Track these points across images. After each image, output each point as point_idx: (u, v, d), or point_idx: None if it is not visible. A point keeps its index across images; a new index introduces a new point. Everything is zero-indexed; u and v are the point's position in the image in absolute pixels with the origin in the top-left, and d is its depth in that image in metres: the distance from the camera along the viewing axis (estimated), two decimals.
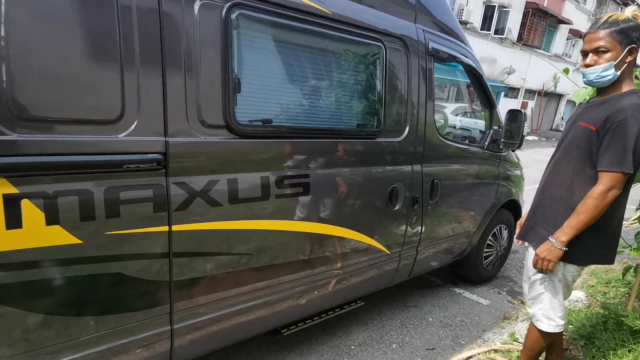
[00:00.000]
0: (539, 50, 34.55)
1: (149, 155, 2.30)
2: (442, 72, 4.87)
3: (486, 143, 4.82)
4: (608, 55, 2.34)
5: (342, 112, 3.38)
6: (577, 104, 3.02)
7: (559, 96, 40.82)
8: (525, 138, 6.64)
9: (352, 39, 3.18)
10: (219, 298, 2.78)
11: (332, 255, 3.39)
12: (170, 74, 2.32)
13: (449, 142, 4.34)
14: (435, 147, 4.11)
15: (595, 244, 2.54)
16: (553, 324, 2.78)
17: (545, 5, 32.56)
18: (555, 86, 36.86)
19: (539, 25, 33.91)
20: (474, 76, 4.69)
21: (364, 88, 3.47)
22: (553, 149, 2.85)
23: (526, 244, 2.92)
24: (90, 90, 2.08)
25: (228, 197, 2.64)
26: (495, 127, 4.82)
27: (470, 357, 3.79)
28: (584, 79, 2.48)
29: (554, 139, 32.61)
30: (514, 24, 31.36)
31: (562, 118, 41.88)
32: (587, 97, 3.07)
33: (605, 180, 2.32)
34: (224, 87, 2.52)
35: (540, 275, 2.70)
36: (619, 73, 2.35)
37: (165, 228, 2.40)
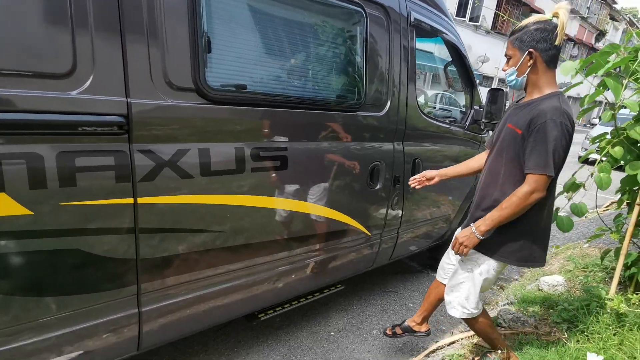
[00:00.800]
0: None
1: (109, 117, 1.97)
2: (421, 57, 4.54)
3: (467, 123, 4.57)
4: (511, 61, 2.43)
5: (321, 82, 3.04)
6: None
7: None
8: None
9: (332, 3, 2.87)
10: (191, 279, 2.48)
11: (312, 235, 3.11)
12: (129, 24, 1.98)
13: (431, 120, 4.05)
14: (417, 125, 3.83)
15: (522, 244, 2.52)
16: (466, 312, 2.78)
17: None
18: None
19: (512, 14, 33.75)
20: (457, 53, 4.42)
21: (344, 57, 3.15)
22: None
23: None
24: (34, 36, 1.75)
25: (199, 169, 2.33)
26: (476, 107, 4.57)
27: (453, 342, 3.52)
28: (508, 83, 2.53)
29: None
30: (488, 11, 31.13)
31: None
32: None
33: (531, 182, 2.31)
34: (192, 45, 2.20)
35: (467, 267, 2.72)
36: (523, 77, 2.41)
37: (130, 200, 2.10)
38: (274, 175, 2.72)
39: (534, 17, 2.38)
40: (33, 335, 1.97)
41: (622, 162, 3.19)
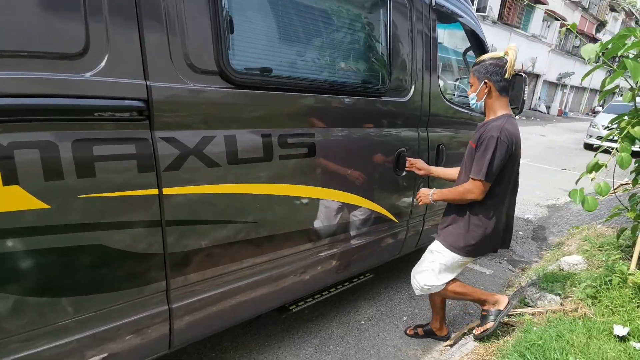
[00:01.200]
0: (518, 30, 33.88)
1: (127, 102, 1.79)
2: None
3: None
4: (472, 87, 2.83)
5: (346, 66, 2.92)
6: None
7: (537, 76, 39.93)
8: None
9: None
10: (221, 273, 2.32)
11: (341, 223, 2.96)
12: (146, 0, 1.82)
13: (454, 107, 3.93)
14: (440, 111, 3.71)
15: (479, 241, 2.87)
16: (419, 290, 3.11)
17: None
18: (533, 66, 36.52)
19: (518, 4, 33.27)
20: (476, 39, 4.24)
21: (368, 41, 3.04)
22: (533, 127, 3.09)
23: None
24: (41, 13, 1.57)
25: (226, 157, 2.16)
26: None
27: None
28: None
29: (532, 117, 32.67)
30: (494, 2, 30.69)
31: (540, 98, 41.40)
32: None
33: (470, 183, 2.72)
34: (214, 26, 2.03)
35: (432, 257, 3.00)
36: (481, 102, 2.80)
37: (155, 191, 1.92)
38: (302, 162, 2.57)
39: (490, 54, 2.77)
40: (51, 340, 1.80)
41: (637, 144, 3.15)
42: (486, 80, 2.72)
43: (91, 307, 1.87)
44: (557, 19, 38.10)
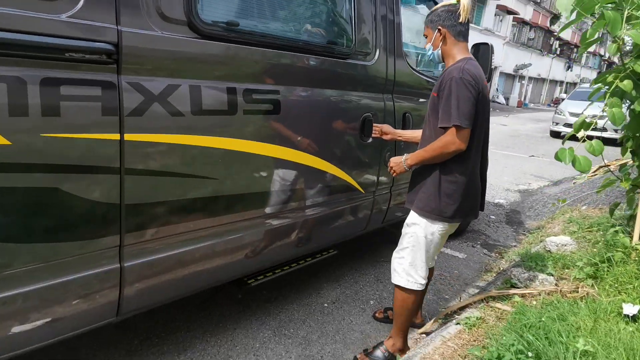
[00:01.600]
0: (471, 24, 35.36)
1: (99, 44, 1.93)
2: None
3: None
4: (427, 39, 2.91)
5: (313, 26, 3.13)
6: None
7: (493, 68, 41.71)
8: None
9: None
10: (177, 232, 2.41)
11: (305, 188, 3.13)
12: None
13: (419, 75, 4.19)
14: (406, 78, 3.97)
15: (459, 204, 2.77)
16: (412, 280, 2.91)
17: None
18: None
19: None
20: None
21: (335, 3, 3.30)
22: (495, 118, 3.55)
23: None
24: None
25: (190, 107, 2.30)
26: None
27: (464, 307, 3.46)
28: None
29: (492, 109, 33.48)
30: None
31: (497, 89, 44.05)
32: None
33: (447, 134, 2.62)
34: None
35: (410, 230, 2.90)
36: (438, 50, 2.84)
37: (117, 136, 2.03)
38: (266, 119, 2.73)
39: (442, 3, 2.83)
40: None
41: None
42: (439, 27, 2.78)
43: (39, 256, 1.92)
44: (509, 13, 41.50)
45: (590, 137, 3.18)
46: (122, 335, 3.11)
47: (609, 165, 5.99)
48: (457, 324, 3.10)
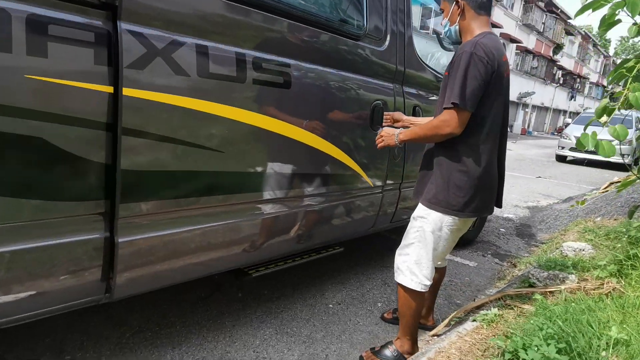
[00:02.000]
0: None
1: None
2: None
3: None
4: (444, 14, 2.69)
5: (327, 1, 3.07)
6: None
7: None
8: None
9: None
10: (175, 208, 2.24)
11: (312, 172, 2.98)
12: None
13: (427, 67, 4.09)
14: (416, 69, 3.88)
15: (471, 197, 2.52)
16: (415, 281, 2.64)
17: None
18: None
19: None
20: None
21: None
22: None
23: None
24: None
25: (196, 67, 2.13)
26: None
27: (481, 306, 3.23)
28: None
29: None
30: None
31: None
32: None
33: (443, 113, 2.43)
34: None
35: (416, 224, 2.66)
36: (455, 25, 2.62)
37: (110, 89, 1.85)
38: (276, 92, 2.59)
39: None
40: None
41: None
42: (456, 1, 2.56)
43: (21, 213, 1.73)
44: (512, 41, 41.65)
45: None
46: (113, 330, 2.91)
47: (619, 181, 5.88)
48: (474, 320, 2.89)
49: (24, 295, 1.79)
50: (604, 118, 3.02)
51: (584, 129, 2.98)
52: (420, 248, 2.61)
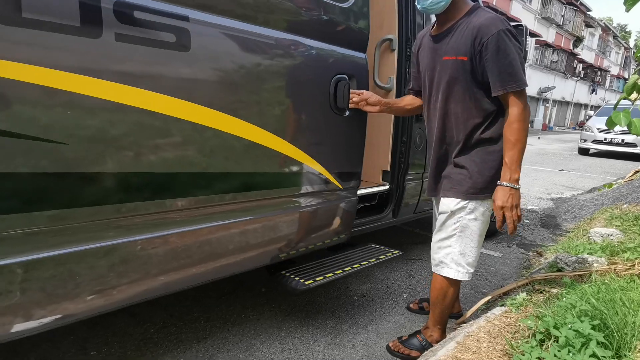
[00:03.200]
0: None
1: None
2: None
3: None
4: None
5: None
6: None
7: None
8: None
9: None
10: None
11: (231, 177, 2.24)
12: None
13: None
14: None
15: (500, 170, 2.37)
16: (462, 271, 2.54)
17: (494, 4, 33.97)
18: None
19: None
20: None
21: None
22: None
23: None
24: None
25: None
26: None
27: (508, 292, 3.19)
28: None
29: None
30: None
31: None
32: None
33: (515, 101, 2.23)
34: None
35: (454, 218, 2.49)
36: None
37: None
38: (160, 55, 1.84)
39: None
40: None
41: None
42: None
43: None
44: (532, 35, 40.73)
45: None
46: (136, 326, 2.91)
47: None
48: (502, 305, 2.83)
49: None
50: (634, 95, 2.96)
51: (614, 108, 2.93)
52: (463, 238, 2.49)
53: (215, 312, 3.16)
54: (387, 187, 3.59)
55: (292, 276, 2.74)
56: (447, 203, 2.49)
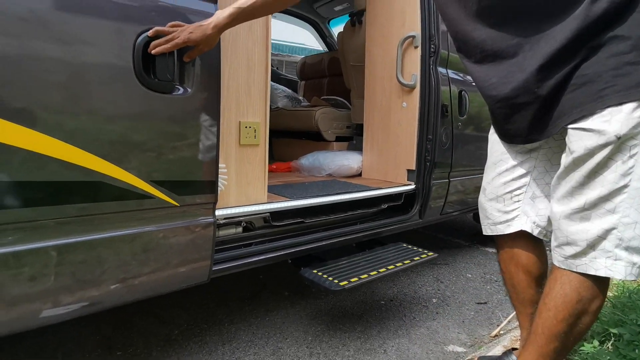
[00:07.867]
0: None
1: None
2: None
3: None
4: None
5: None
6: None
7: None
8: None
9: None
10: None
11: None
12: None
13: None
14: None
15: None
16: (637, 267, 1.47)
17: None
18: None
19: None
20: None
21: None
22: None
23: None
24: None
25: None
26: None
27: None
28: None
29: None
30: None
31: None
32: None
33: None
34: None
35: (624, 148, 1.39)
36: None
37: None
38: None
39: None
40: None
41: None
42: None
43: None
44: None
45: None
46: (160, 327, 2.87)
47: None
48: None
49: None
50: None
51: None
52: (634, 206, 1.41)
53: (238, 315, 3.11)
54: (412, 186, 3.54)
55: (324, 275, 2.66)
56: (604, 121, 1.39)
